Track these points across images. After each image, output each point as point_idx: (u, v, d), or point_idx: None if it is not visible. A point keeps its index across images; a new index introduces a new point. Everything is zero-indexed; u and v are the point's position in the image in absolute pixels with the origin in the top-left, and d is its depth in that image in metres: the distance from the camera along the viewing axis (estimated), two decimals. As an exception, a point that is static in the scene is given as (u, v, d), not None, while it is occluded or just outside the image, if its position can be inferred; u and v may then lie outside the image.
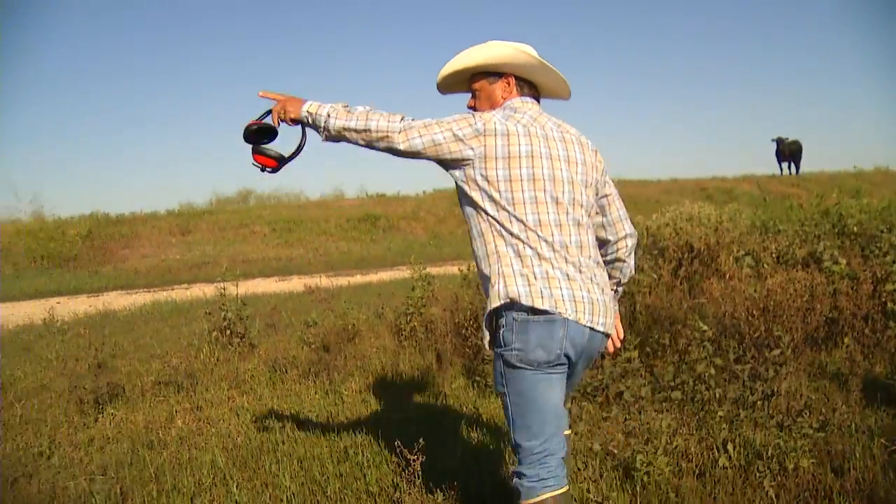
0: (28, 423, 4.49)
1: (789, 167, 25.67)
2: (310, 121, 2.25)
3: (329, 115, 2.20)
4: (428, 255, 13.43)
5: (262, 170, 2.38)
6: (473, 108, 2.39)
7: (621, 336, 2.59)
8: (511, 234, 2.14)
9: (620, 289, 2.58)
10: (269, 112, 2.34)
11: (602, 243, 2.45)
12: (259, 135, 2.34)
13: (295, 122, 2.29)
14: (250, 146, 2.35)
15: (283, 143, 2.40)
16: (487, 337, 2.24)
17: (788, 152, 25.21)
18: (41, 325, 7.94)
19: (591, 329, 2.14)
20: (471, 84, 2.41)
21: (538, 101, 2.41)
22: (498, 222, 2.15)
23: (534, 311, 2.07)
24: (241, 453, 3.79)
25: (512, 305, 2.09)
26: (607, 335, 2.27)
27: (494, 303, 2.12)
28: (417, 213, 20.36)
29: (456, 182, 2.25)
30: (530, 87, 2.39)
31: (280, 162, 2.37)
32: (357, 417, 4.23)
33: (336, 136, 2.22)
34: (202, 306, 8.08)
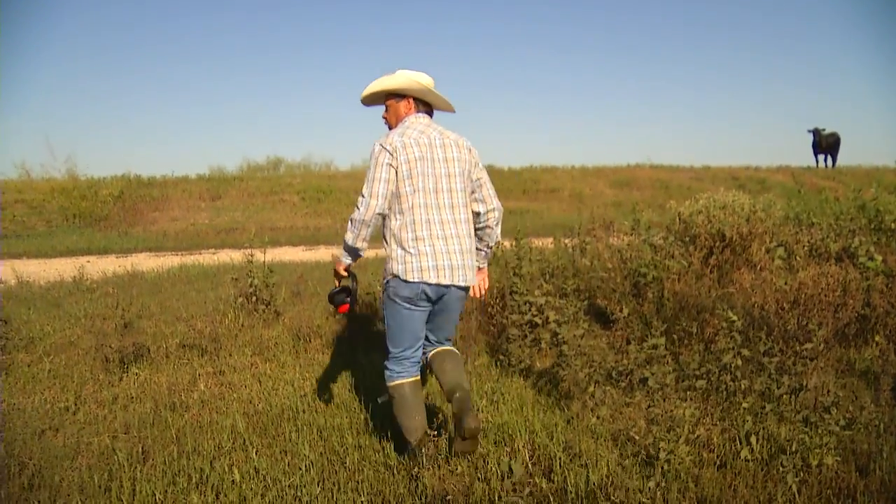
0: (56, 378, 4.56)
1: (826, 160, 25.18)
2: (345, 263, 3.33)
3: (344, 255, 3.31)
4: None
5: (345, 315, 3.59)
6: (385, 118, 3.44)
7: (486, 287, 3.62)
8: (408, 220, 3.15)
9: (489, 250, 3.53)
10: (338, 280, 3.42)
11: (476, 214, 3.38)
12: (339, 295, 3.41)
13: (340, 272, 3.38)
14: (333, 305, 3.45)
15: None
16: (384, 282, 3.29)
17: (825, 144, 24.72)
18: (71, 282, 8.03)
19: (449, 286, 3.18)
20: (385, 101, 3.42)
21: (430, 115, 3.40)
22: (400, 209, 3.16)
23: (413, 280, 3.12)
24: (261, 419, 3.83)
25: (396, 274, 3.16)
26: (466, 287, 3.29)
27: (389, 268, 3.19)
28: (446, 189, 20.29)
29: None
30: (425, 105, 3.39)
31: (351, 305, 3.45)
32: (379, 391, 4.24)
33: (353, 251, 3.27)
34: (229, 272, 8.14)
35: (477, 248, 3.44)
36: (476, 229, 3.39)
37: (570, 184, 21.49)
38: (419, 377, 3.34)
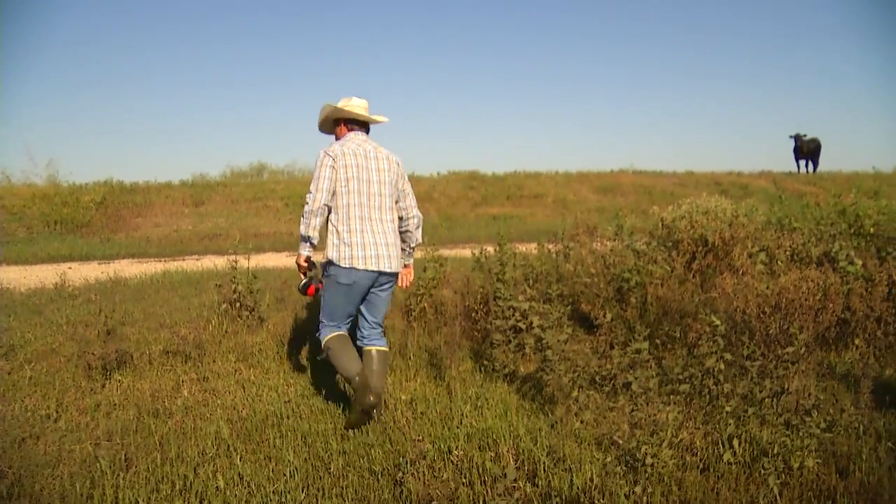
0: (37, 386, 4.52)
1: (807, 165, 25.39)
2: (304, 255, 3.89)
3: (301, 246, 3.87)
4: (440, 237, 13.40)
5: (314, 295, 4.02)
6: (336, 136, 4.12)
7: (411, 279, 4.27)
8: (343, 217, 3.82)
9: (411, 250, 4.22)
10: (302, 273, 3.98)
11: (400, 219, 4.08)
12: (305, 284, 3.96)
13: (302, 265, 3.93)
14: (303, 293, 3.99)
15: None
16: (326, 262, 3.87)
17: (807, 150, 24.92)
18: (52, 289, 7.97)
19: (377, 271, 3.83)
20: (333, 125, 4.16)
21: (367, 132, 4.11)
22: (337, 207, 3.82)
23: (347, 266, 3.77)
24: (245, 426, 3.81)
25: (332, 260, 3.81)
26: (393, 273, 3.96)
27: (328, 254, 3.83)
28: (431, 194, 20.30)
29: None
30: (361, 124, 4.08)
31: (316, 287, 3.98)
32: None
33: (308, 239, 3.81)
34: (213, 278, 8.09)
35: (402, 248, 4.12)
36: (400, 232, 4.10)
37: (553, 190, 21.55)
38: (346, 333, 3.99)
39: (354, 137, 4.00)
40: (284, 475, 3.18)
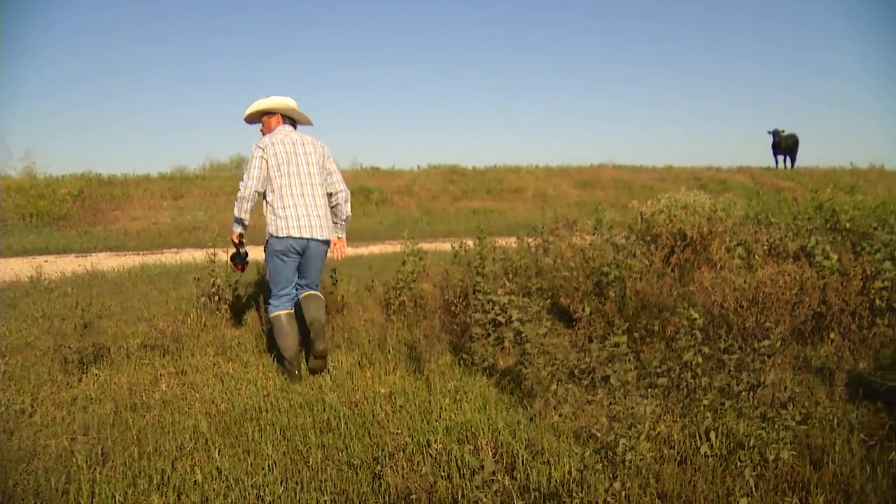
0: (11, 380, 4.47)
1: (785, 160, 25.64)
2: (236, 232, 4.74)
3: (234, 226, 4.71)
4: (420, 231, 13.38)
5: (241, 271, 5.00)
6: (262, 130, 4.80)
7: (344, 251, 4.95)
8: (277, 196, 4.50)
9: (344, 223, 4.89)
10: (234, 247, 4.84)
11: (330, 195, 4.74)
12: (236, 258, 4.84)
13: (234, 240, 4.79)
14: (233, 265, 4.90)
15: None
16: (267, 239, 4.57)
17: (785, 146, 25.17)
18: (28, 282, 7.88)
19: (309, 239, 4.50)
20: (261, 118, 4.80)
21: (294, 126, 4.81)
22: (272, 189, 4.52)
23: (283, 236, 4.45)
24: (224, 419, 3.79)
25: (271, 233, 4.51)
26: (323, 241, 4.60)
27: (268, 230, 4.53)
28: (411, 188, 20.29)
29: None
30: (289, 119, 4.78)
31: (243, 265, 4.89)
32: (342, 389, 4.23)
33: (240, 221, 4.63)
34: (191, 271, 8.04)
35: (334, 221, 4.79)
36: (331, 207, 4.77)
37: (534, 184, 21.61)
38: (293, 311, 4.68)
39: (282, 129, 4.69)
40: (263, 469, 3.17)
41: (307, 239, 4.49)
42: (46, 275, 8.15)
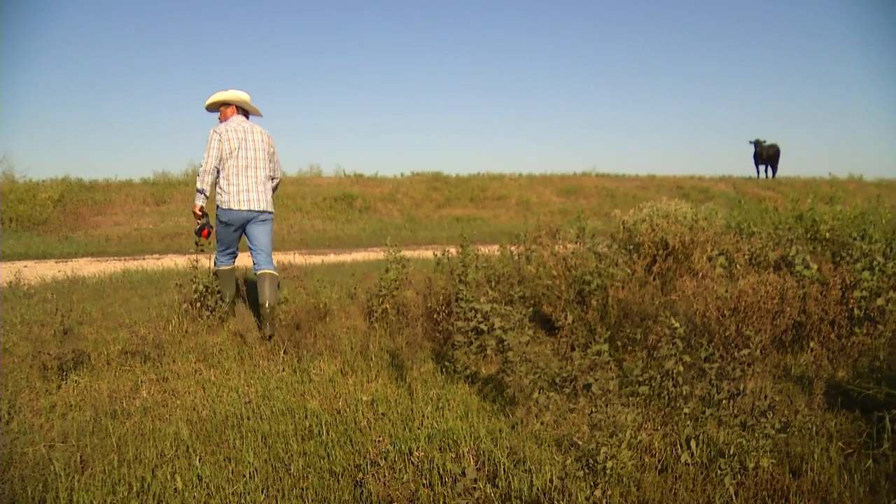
0: (-11, 387, 4.42)
1: (766, 170, 25.88)
2: (199, 204, 5.71)
3: (197, 197, 5.67)
4: (403, 238, 13.39)
5: (206, 238, 5.87)
6: (219, 119, 5.82)
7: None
8: (225, 174, 5.59)
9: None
10: (197, 218, 5.84)
11: (271, 178, 5.87)
12: (200, 229, 5.84)
13: (197, 213, 5.78)
14: (198, 235, 5.89)
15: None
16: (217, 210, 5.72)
17: (766, 155, 25.41)
18: (6, 288, 7.81)
19: (248, 210, 5.63)
20: (219, 108, 5.87)
21: (247, 117, 5.89)
22: (223, 168, 5.60)
23: (226, 208, 5.60)
24: (205, 427, 3.77)
25: (218, 205, 5.66)
26: (263, 211, 5.71)
27: (217, 203, 5.65)
28: (395, 195, 20.28)
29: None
30: (243, 110, 5.87)
31: (208, 232, 5.88)
32: (324, 396, 4.22)
33: (202, 191, 5.62)
34: (173, 277, 8.00)
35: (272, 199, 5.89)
36: (273, 189, 5.95)
37: (517, 192, 21.66)
38: (233, 266, 6.11)
39: (236, 118, 5.76)
40: (244, 476, 3.15)
41: (246, 210, 5.60)
42: (26, 280, 8.08)
